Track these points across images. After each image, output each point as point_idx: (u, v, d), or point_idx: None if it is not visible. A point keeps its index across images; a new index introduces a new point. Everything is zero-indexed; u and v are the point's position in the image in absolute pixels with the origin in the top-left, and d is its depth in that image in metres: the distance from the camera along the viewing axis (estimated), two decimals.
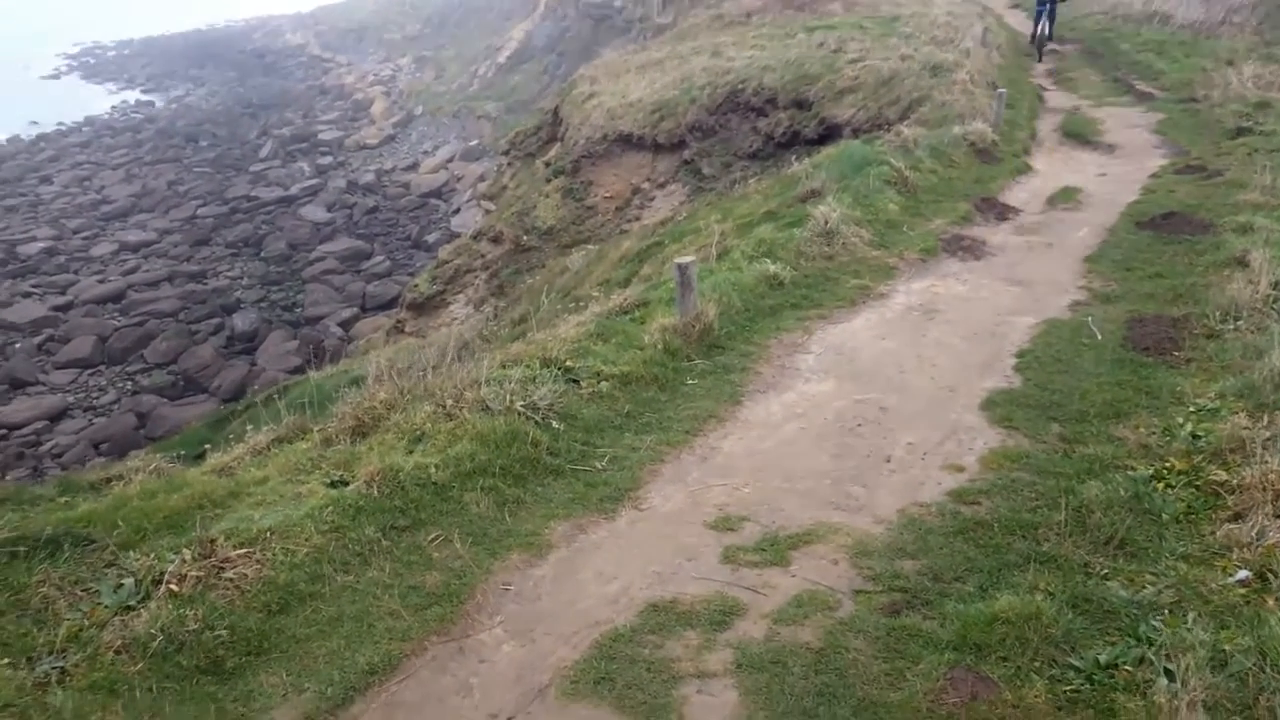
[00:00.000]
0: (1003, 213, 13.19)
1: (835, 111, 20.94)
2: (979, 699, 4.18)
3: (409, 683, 4.64)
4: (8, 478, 22.05)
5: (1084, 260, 10.87)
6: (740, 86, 23.77)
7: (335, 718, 4.40)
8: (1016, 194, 14.19)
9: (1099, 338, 8.41)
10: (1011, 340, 8.65)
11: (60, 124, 65.02)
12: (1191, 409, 6.67)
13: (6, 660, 4.37)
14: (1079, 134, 17.89)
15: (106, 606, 4.83)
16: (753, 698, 4.35)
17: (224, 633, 4.76)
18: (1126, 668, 4.20)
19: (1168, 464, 5.88)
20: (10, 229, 42.60)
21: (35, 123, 64.91)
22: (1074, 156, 16.69)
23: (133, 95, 78.08)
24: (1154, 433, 6.46)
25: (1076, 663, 4.30)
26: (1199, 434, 6.22)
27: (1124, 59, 24.83)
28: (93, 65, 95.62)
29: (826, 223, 11.29)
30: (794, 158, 17.75)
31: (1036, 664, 4.34)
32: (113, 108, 71.77)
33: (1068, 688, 4.18)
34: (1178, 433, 6.33)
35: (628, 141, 25.26)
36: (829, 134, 20.53)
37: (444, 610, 5.12)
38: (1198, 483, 5.65)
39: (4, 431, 25.79)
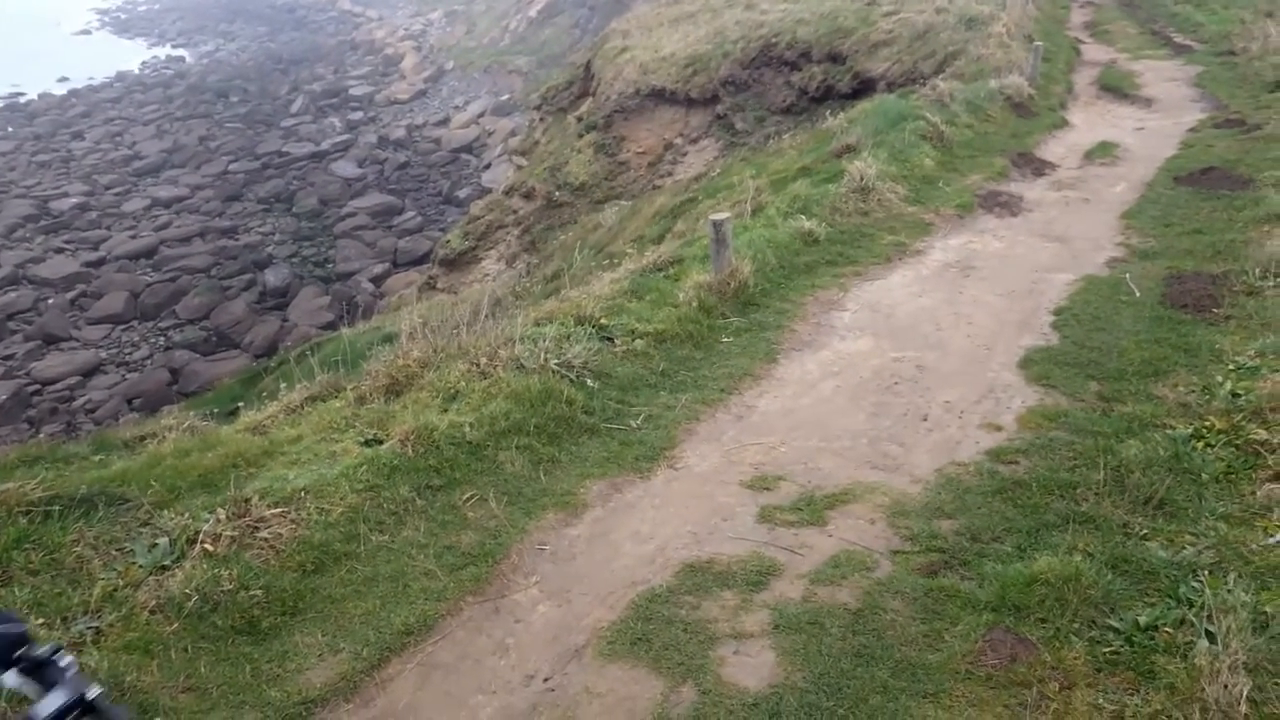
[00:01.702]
0: (1039, 168, 13.01)
1: (870, 65, 20.69)
2: (1018, 660, 4.15)
3: (444, 643, 4.65)
4: (42, 433, 22.36)
5: (1121, 216, 10.72)
6: (774, 40, 23.51)
7: (371, 678, 4.42)
8: (1053, 149, 13.99)
9: (1137, 295, 8.30)
10: (1049, 297, 8.55)
11: (91, 80, 65.19)
12: (1231, 367, 6.57)
13: (42, 620, 4.40)
14: (1116, 88, 17.61)
15: (141, 566, 4.85)
16: (790, 659, 4.34)
17: (259, 593, 4.78)
18: (1167, 629, 4.15)
19: (1207, 423, 5.79)
20: (43, 185, 42.91)
21: (67, 78, 65.11)
22: (1111, 110, 16.43)
23: (164, 51, 78.11)
24: (1193, 391, 6.37)
25: (1116, 624, 4.26)
26: (1239, 392, 6.12)
27: (1161, 11, 24.38)
28: (124, 20, 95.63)
29: (862, 178, 11.17)
30: (828, 112, 17.59)
31: (1076, 625, 4.30)
32: (144, 63, 71.84)
33: (1107, 649, 4.14)
34: (1217, 391, 6.23)
35: (660, 96, 25.08)
36: (863, 88, 20.31)
37: (479, 570, 5.12)
38: (1238, 442, 5.56)
39: (38, 387, 26.11)
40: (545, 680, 4.37)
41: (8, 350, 28.08)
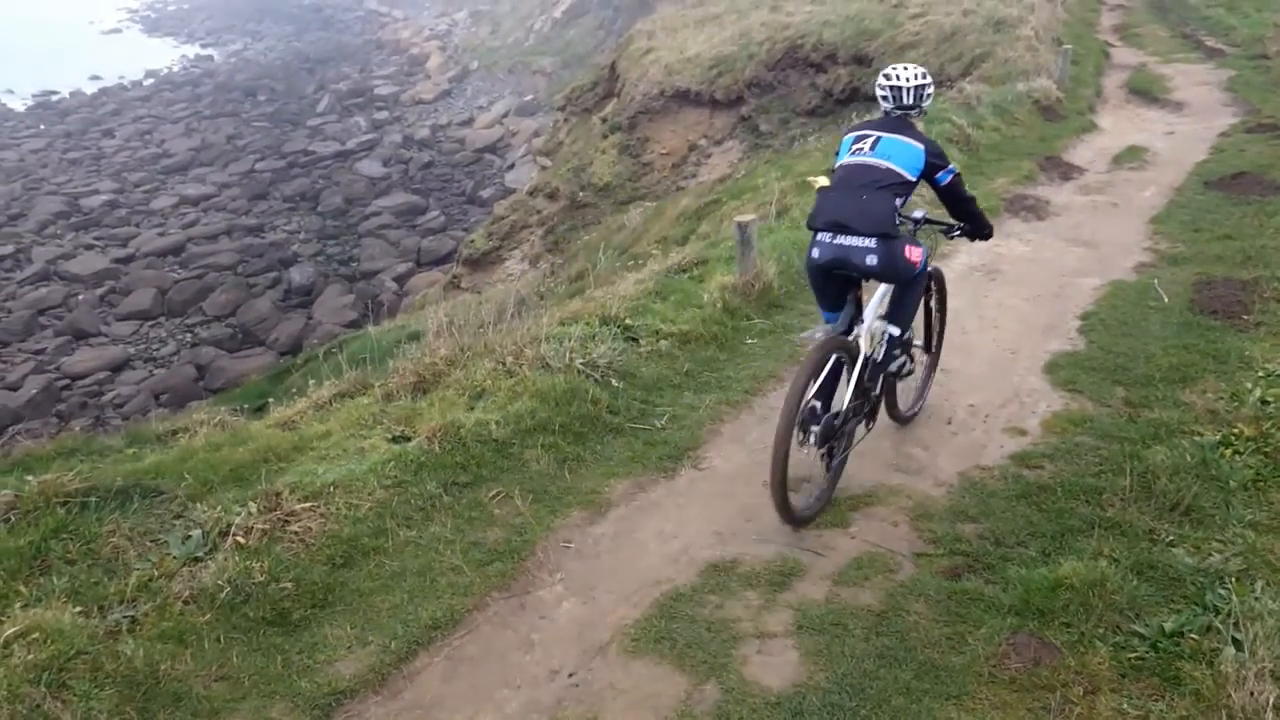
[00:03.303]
0: (1067, 172, 12.97)
1: None
2: (1041, 664, 4.15)
3: (471, 637, 4.70)
4: (72, 426, 22.56)
5: (1150, 221, 10.67)
6: (799, 42, 23.51)
7: (399, 671, 4.47)
8: (1081, 153, 13.94)
9: (1165, 300, 8.26)
10: (1075, 302, 8.53)
11: (122, 78, 65.76)
12: (1260, 374, 6.53)
13: (79, 608, 4.47)
14: (1146, 91, 17.52)
15: (175, 557, 4.92)
16: (813, 659, 4.36)
17: (289, 585, 4.84)
18: (1193, 636, 4.14)
19: (1236, 430, 5.77)
20: (73, 182, 43.31)
21: (97, 77, 65.70)
22: (1140, 114, 16.35)
23: (192, 49, 78.69)
24: (1221, 398, 6.35)
25: (1141, 630, 4.25)
26: (1268, 399, 6.09)
27: (1193, 14, 24.24)
28: (153, 20, 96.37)
29: None
30: (854, 114, 17.56)
31: (1100, 630, 4.30)
32: (172, 62, 72.39)
33: (1132, 655, 4.14)
34: (1246, 398, 6.21)
35: (685, 98, 25.11)
36: None
37: (505, 566, 5.17)
38: (1267, 449, 5.53)
39: (68, 381, 26.36)
40: (570, 676, 4.40)
41: (39, 345, 28.36)
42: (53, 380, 26.05)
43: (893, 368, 5.80)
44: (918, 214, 6.04)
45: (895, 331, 5.71)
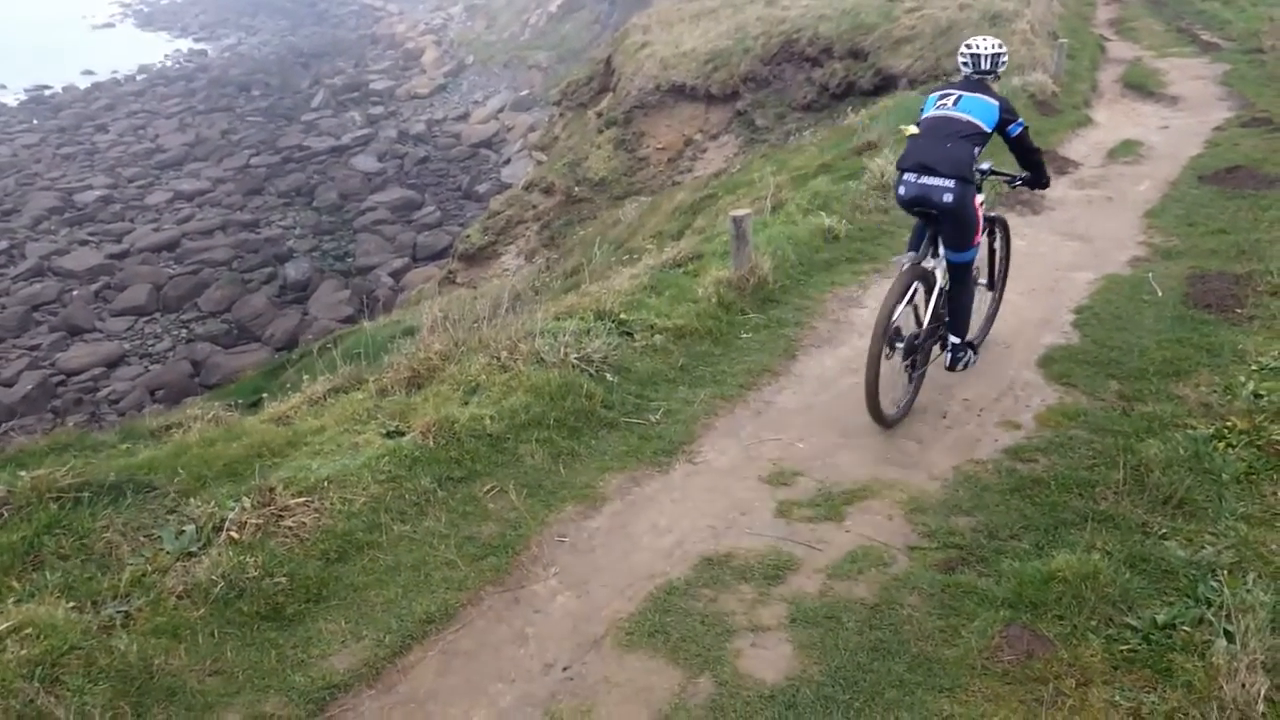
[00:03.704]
0: (1062, 166, 12.97)
1: (892, 62, 20.66)
2: (1034, 657, 4.16)
3: (465, 632, 4.70)
4: (67, 422, 22.54)
5: (1145, 215, 10.68)
6: (795, 36, 23.50)
7: (393, 665, 4.47)
8: (1076, 147, 13.94)
9: (1159, 294, 8.27)
10: (1070, 296, 8.54)
11: (115, 73, 65.57)
12: (1254, 367, 6.55)
13: (72, 603, 4.47)
14: (1141, 85, 17.53)
15: (169, 552, 4.92)
16: (807, 652, 4.37)
17: (283, 580, 4.83)
18: (1185, 628, 4.15)
19: (1229, 423, 5.78)
20: (67, 177, 43.23)
21: (91, 71, 65.51)
22: (1136, 109, 16.36)
23: (186, 44, 78.49)
24: (1215, 391, 6.36)
25: (1134, 622, 4.26)
26: (1261, 393, 6.10)
27: (1188, 8, 24.23)
28: (147, 14, 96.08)
29: (883, 175, 11.16)
30: (849, 109, 17.60)
31: (1093, 623, 4.31)
32: (166, 56, 72.20)
33: (1124, 647, 4.15)
34: (1239, 391, 6.22)
35: (680, 92, 25.10)
36: (885, 85, 20.28)
37: (499, 561, 5.17)
38: (1259, 442, 5.55)
39: (63, 377, 26.34)
40: (564, 669, 4.41)
41: (33, 341, 28.34)
42: (48, 376, 26.05)
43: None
44: (985, 165, 6.71)
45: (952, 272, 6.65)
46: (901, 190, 6.43)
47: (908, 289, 6.26)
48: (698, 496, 5.79)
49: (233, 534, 5.01)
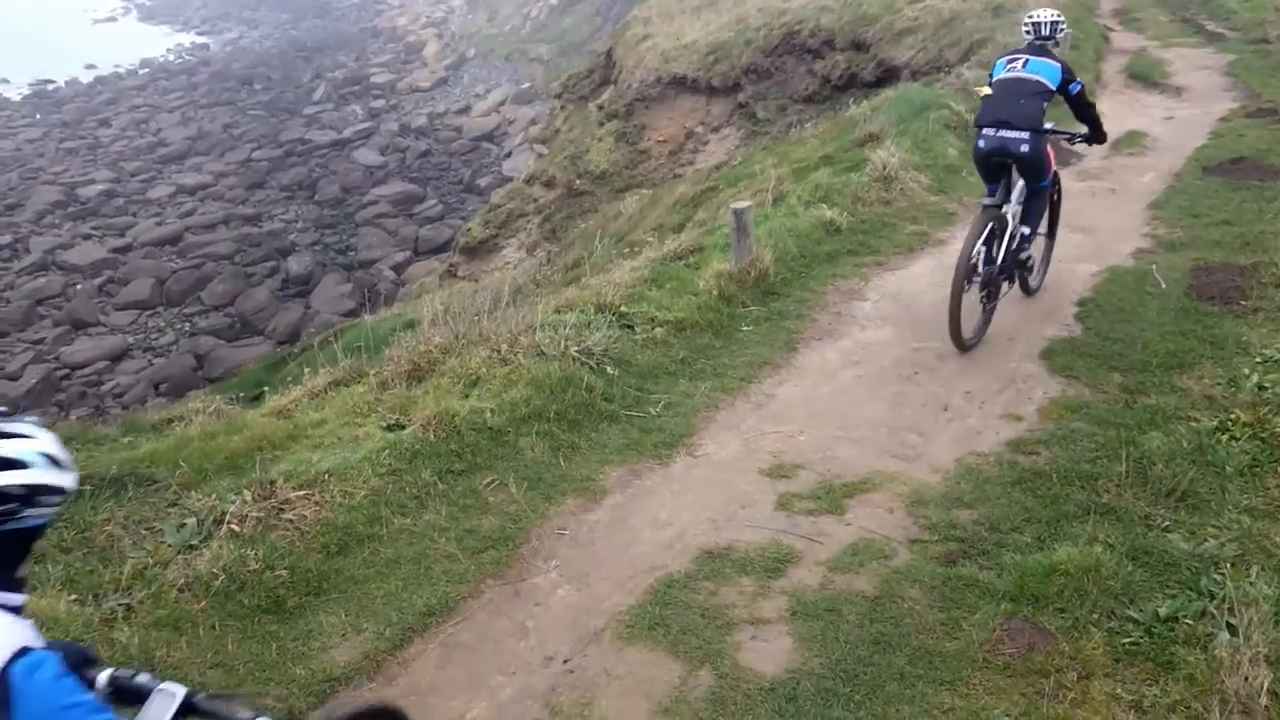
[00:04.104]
0: (1065, 158, 12.91)
1: (894, 53, 20.58)
2: (1036, 650, 4.16)
3: (466, 624, 4.70)
4: (71, 416, 22.56)
5: (1148, 207, 10.63)
6: (797, 28, 23.42)
7: (393, 657, 4.47)
8: None
9: (1163, 286, 8.24)
10: (1073, 288, 8.51)
11: (117, 67, 65.45)
12: (1258, 360, 6.52)
13: (74, 596, 4.48)
14: (1145, 76, 17.43)
15: (170, 545, 4.92)
16: (807, 645, 4.36)
17: (284, 573, 4.84)
18: (1187, 621, 4.15)
19: (1232, 416, 5.76)
20: (70, 171, 43.18)
21: (94, 66, 65.44)
22: (1140, 99, 16.27)
23: (188, 38, 78.34)
24: (1218, 384, 6.34)
25: (1136, 615, 4.26)
26: (1265, 385, 6.08)
27: None
28: (148, 7, 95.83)
29: (885, 168, 11.14)
30: (851, 101, 17.52)
31: (1095, 616, 4.30)
32: (168, 50, 72.08)
33: (1126, 640, 4.14)
34: (1243, 384, 6.20)
35: (682, 84, 25.04)
36: (887, 76, 20.19)
37: (500, 554, 5.17)
38: (1263, 435, 5.53)
39: (67, 371, 26.36)
40: (565, 662, 4.41)
41: (37, 335, 28.36)
42: (52, 370, 26.06)
43: (1023, 256, 7.77)
44: (1047, 125, 7.48)
45: (1025, 231, 7.66)
46: (981, 144, 7.42)
47: (985, 230, 7.17)
48: (698, 489, 5.78)
49: (234, 527, 5.01)
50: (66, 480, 2.10)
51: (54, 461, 2.07)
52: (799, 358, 7.57)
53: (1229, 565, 4.40)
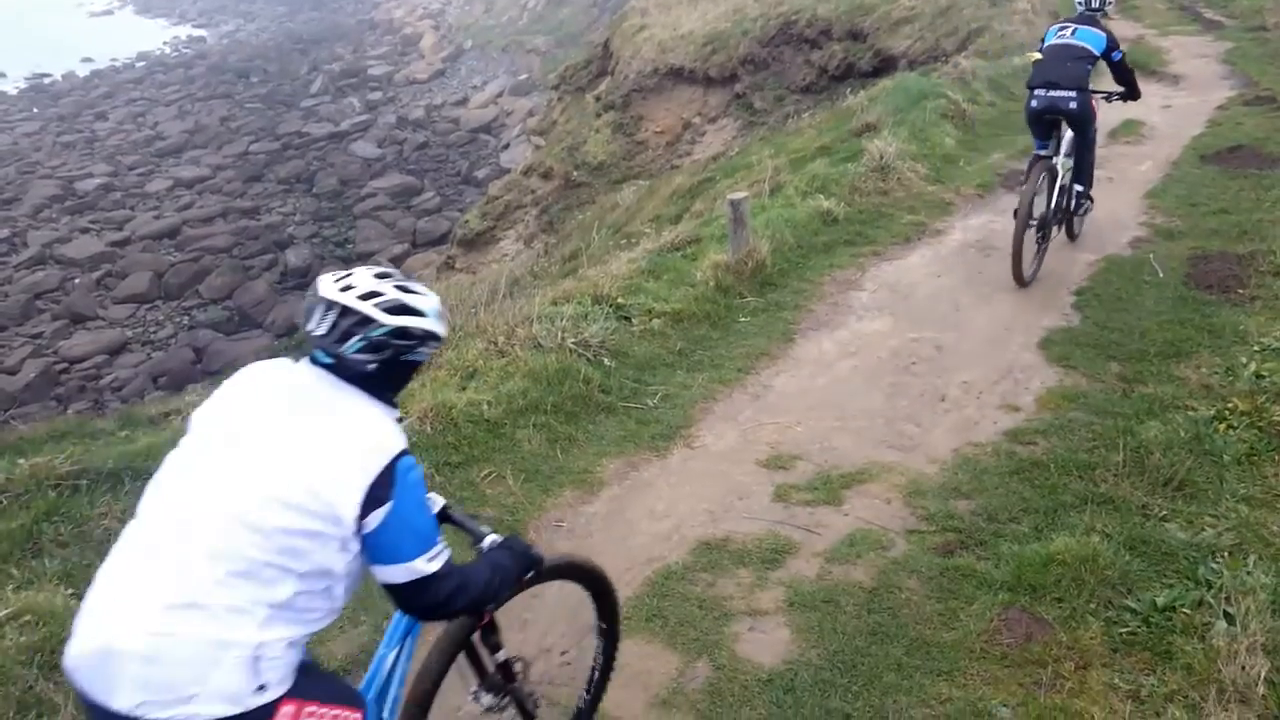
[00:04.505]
0: None
1: (891, 43, 20.56)
2: (1033, 640, 4.16)
3: None
4: (69, 410, 22.55)
5: (1146, 196, 10.62)
6: (794, 18, 23.39)
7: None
8: None
9: (1160, 275, 8.24)
10: (1071, 277, 8.51)
11: (114, 60, 65.32)
12: (1255, 348, 6.51)
13: (71, 590, 4.47)
14: (1143, 64, 17.34)
15: None
16: (805, 635, 4.36)
17: None
18: (1184, 610, 4.15)
19: (1230, 404, 5.75)
20: (67, 165, 43.06)
21: (89, 59, 65.29)
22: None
23: (184, 31, 78.18)
24: (1216, 372, 6.34)
25: (1133, 605, 4.26)
26: (1263, 374, 6.07)
27: None
28: (144, 0, 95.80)
29: (882, 157, 11.12)
30: (848, 91, 17.50)
31: (1092, 606, 4.30)
32: (165, 43, 71.94)
33: (1124, 630, 4.14)
34: (1241, 373, 6.19)
35: (679, 75, 25.02)
36: (884, 66, 20.17)
37: None
38: (1261, 424, 5.52)
39: (65, 365, 26.31)
40: (562, 654, 4.40)
41: (36, 329, 28.29)
42: (51, 364, 25.99)
43: (1075, 207, 8.95)
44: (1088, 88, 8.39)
45: (1079, 189, 8.81)
46: (1034, 103, 8.36)
47: (1040, 179, 8.17)
48: (695, 481, 5.77)
49: None
50: (443, 331, 2.71)
51: (439, 316, 2.68)
52: (796, 349, 7.57)
53: (1226, 554, 4.40)
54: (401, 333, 2.56)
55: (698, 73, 24.66)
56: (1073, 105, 8.16)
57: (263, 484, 2.38)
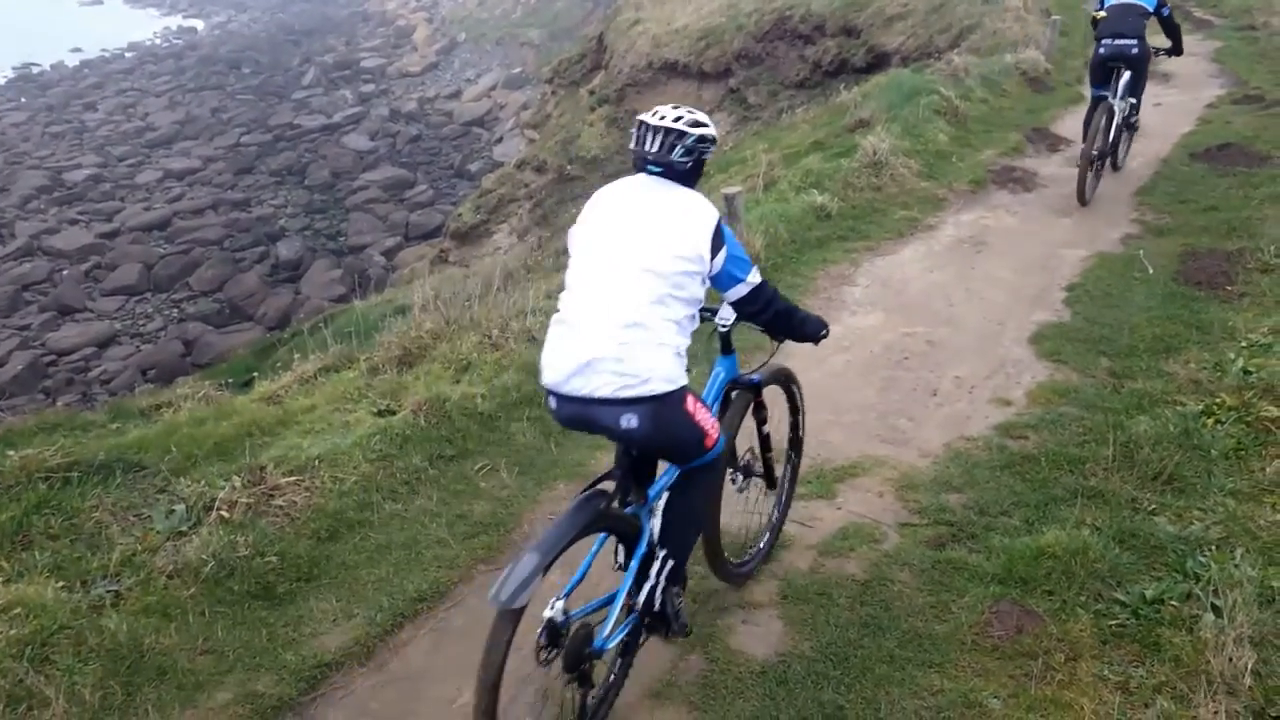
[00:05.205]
0: (1054, 144, 12.96)
1: (884, 39, 20.58)
2: (1024, 632, 4.18)
3: (457, 610, 4.70)
4: (59, 403, 22.50)
5: (1136, 193, 10.67)
6: (788, 13, 23.38)
7: (384, 643, 4.48)
8: (1069, 124, 13.88)
9: (1150, 271, 8.28)
10: (1061, 274, 8.54)
11: (104, 51, 65.04)
12: (1243, 344, 6.53)
13: (62, 583, 4.47)
14: None
15: (159, 532, 4.92)
16: (798, 628, 4.38)
17: (274, 559, 4.84)
18: (1173, 603, 4.17)
19: (1218, 400, 5.77)
20: (56, 156, 42.95)
21: (79, 49, 65.00)
22: None
23: (175, 21, 77.94)
24: (1205, 368, 6.35)
25: (1122, 597, 4.28)
26: (1250, 369, 6.09)
27: None
28: None
29: (875, 153, 11.15)
30: (842, 87, 17.51)
31: (1082, 598, 4.32)
32: (155, 34, 71.65)
33: (1113, 622, 4.16)
34: (1229, 368, 6.21)
35: (673, 69, 25.00)
36: (878, 62, 20.19)
37: (491, 539, 5.18)
38: (1248, 419, 5.54)
39: (54, 357, 26.22)
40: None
41: (24, 321, 28.20)
42: (38, 356, 25.92)
43: (1132, 119, 10.99)
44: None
45: (1134, 100, 10.72)
46: (1102, 50, 10.26)
47: (1102, 117, 10.04)
48: None
49: (223, 513, 5.01)
50: (717, 135, 3.83)
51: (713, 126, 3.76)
52: (788, 343, 7.55)
53: (1214, 548, 4.43)
54: (701, 139, 3.64)
55: (692, 67, 24.66)
56: (1135, 50, 10.08)
57: (657, 243, 3.48)
